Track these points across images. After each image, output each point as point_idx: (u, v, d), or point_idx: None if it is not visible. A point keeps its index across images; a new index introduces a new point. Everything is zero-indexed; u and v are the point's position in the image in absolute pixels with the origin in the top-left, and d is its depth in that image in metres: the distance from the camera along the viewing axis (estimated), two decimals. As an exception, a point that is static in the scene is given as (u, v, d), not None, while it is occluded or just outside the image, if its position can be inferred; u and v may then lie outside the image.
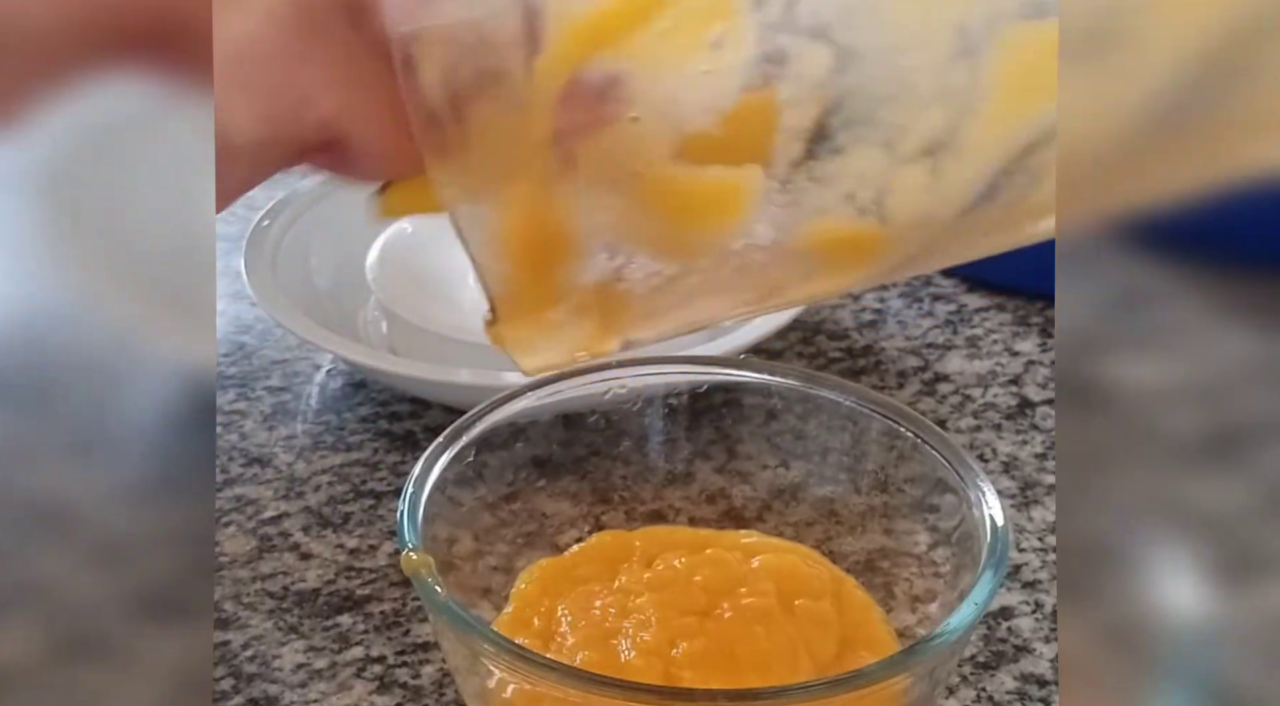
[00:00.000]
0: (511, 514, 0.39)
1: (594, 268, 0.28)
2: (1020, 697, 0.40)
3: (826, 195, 0.27)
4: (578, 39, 0.26)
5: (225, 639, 0.42)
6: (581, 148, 0.26)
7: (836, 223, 0.27)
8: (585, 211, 0.27)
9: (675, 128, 0.26)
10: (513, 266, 0.28)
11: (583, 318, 0.28)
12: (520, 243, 0.28)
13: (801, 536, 0.40)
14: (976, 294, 0.63)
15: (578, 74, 0.26)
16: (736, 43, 0.26)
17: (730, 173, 0.27)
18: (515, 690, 0.31)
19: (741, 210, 0.27)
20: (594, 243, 0.27)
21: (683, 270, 0.28)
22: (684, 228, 0.27)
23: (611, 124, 0.26)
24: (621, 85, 0.26)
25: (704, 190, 0.27)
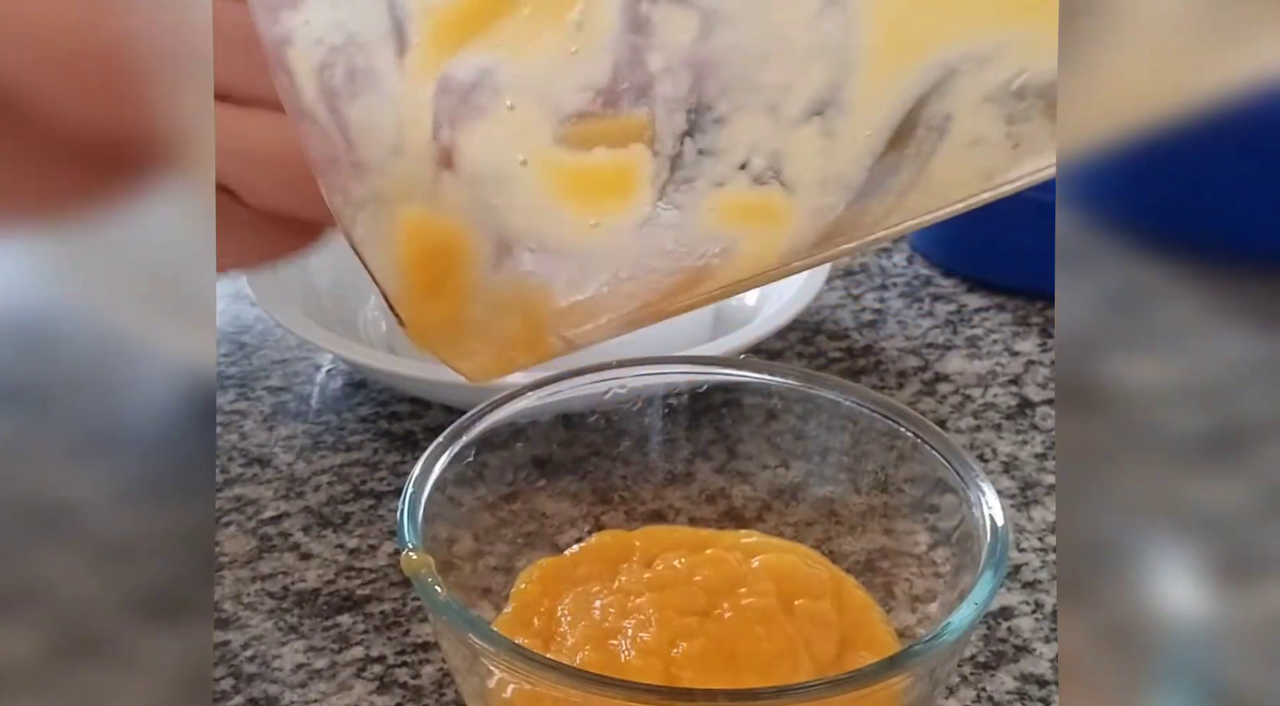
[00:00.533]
0: (511, 514, 0.39)
1: (496, 264, 0.27)
2: (1020, 697, 0.40)
3: (719, 167, 0.26)
4: (443, 33, 0.26)
5: (225, 639, 0.42)
6: (461, 141, 0.26)
7: (738, 193, 0.27)
8: (474, 207, 0.27)
9: (553, 110, 0.26)
10: (409, 271, 0.28)
11: (504, 315, 0.28)
12: (413, 247, 0.27)
13: (801, 536, 0.40)
14: (976, 294, 0.63)
15: (449, 69, 0.26)
16: (598, 19, 0.25)
17: (617, 153, 0.26)
18: (515, 690, 0.31)
19: (634, 189, 0.27)
20: (488, 239, 0.27)
21: (592, 255, 0.27)
22: (578, 213, 0.27)
23: (487, 114, 0.26)
24: (493, 74, 0.26)
25: (592, 173, 0.26)
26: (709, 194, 0.27)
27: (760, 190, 0.27)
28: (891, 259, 0.66)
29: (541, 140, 0.26)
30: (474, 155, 0.26)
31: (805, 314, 0.59)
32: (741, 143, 0.26)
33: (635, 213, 0.27)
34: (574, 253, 0.27)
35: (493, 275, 0.28)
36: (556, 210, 0.27)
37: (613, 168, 0.26)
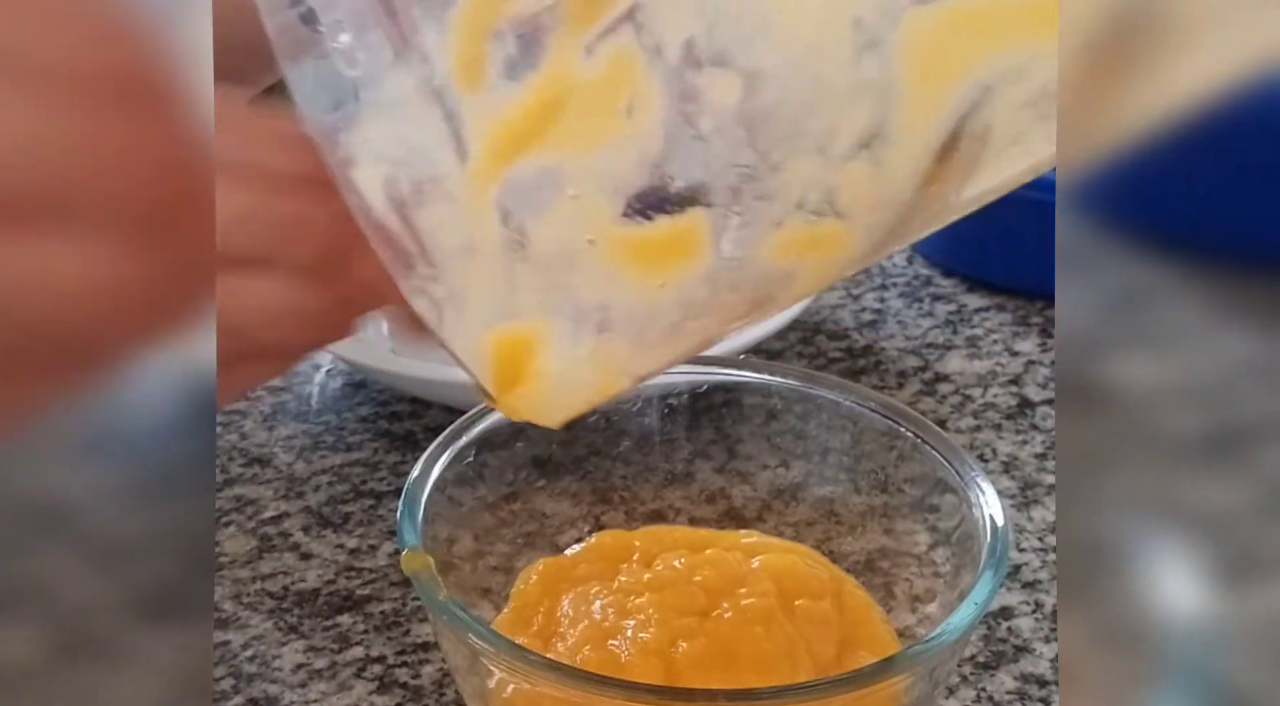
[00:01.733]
0: (511, 514, 0.39)
1: (573, 338, 0.29)
2: (1020, 697, 0.40)
3: (776, 208, 0.27)
4: (500, 145, 0.27)
5: (225, 639, 0.42)
6: (529, 231, 0.27)
7: (796, 229, 0.28)
8: (547, 289, 0.28)
9: (615, 192, 0.27)
10: (495, 361, 0.29)
11: (582, 372, 0.29)
12: (496, 338, 0.29)
13: (801, 536, 0.40)
14: (976, 294, 0.63)
15: (509, 174, 0.27)
16: (647, 101, 0.26)
17: (677, 218, 0.28)
18: (515, 690, 0.31)
19: (696, 247, 0.28)
20: (563, 318, 0.29)
21: (660, 309, 0.29)
22: (646, 279, 0.28)
23: (552, 205, 0.27)
24: (553, 173, 0.27)
25: (656, 240, 0.28)
26: (770, 235, 0.28)
27: (816, 222, 0.28)
28: (891, 259, 0.66)
29: (606, 220, 0.27)
30: (542, 243, 0.28)
31: (805, 314, 0.59)
32: (795, 184, 0.27)
33: (699, 266, 0.28)
34: (644, 311, 0.29)
35: (571, 347, 0.29)
36: (625, 279, 0.28)
37: (674, 232, 0.28)
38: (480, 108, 0.26)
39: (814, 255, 0.28)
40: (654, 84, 0.26)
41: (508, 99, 0.26)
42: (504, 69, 0.26)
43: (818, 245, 0.28)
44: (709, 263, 0.28)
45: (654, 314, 0.29)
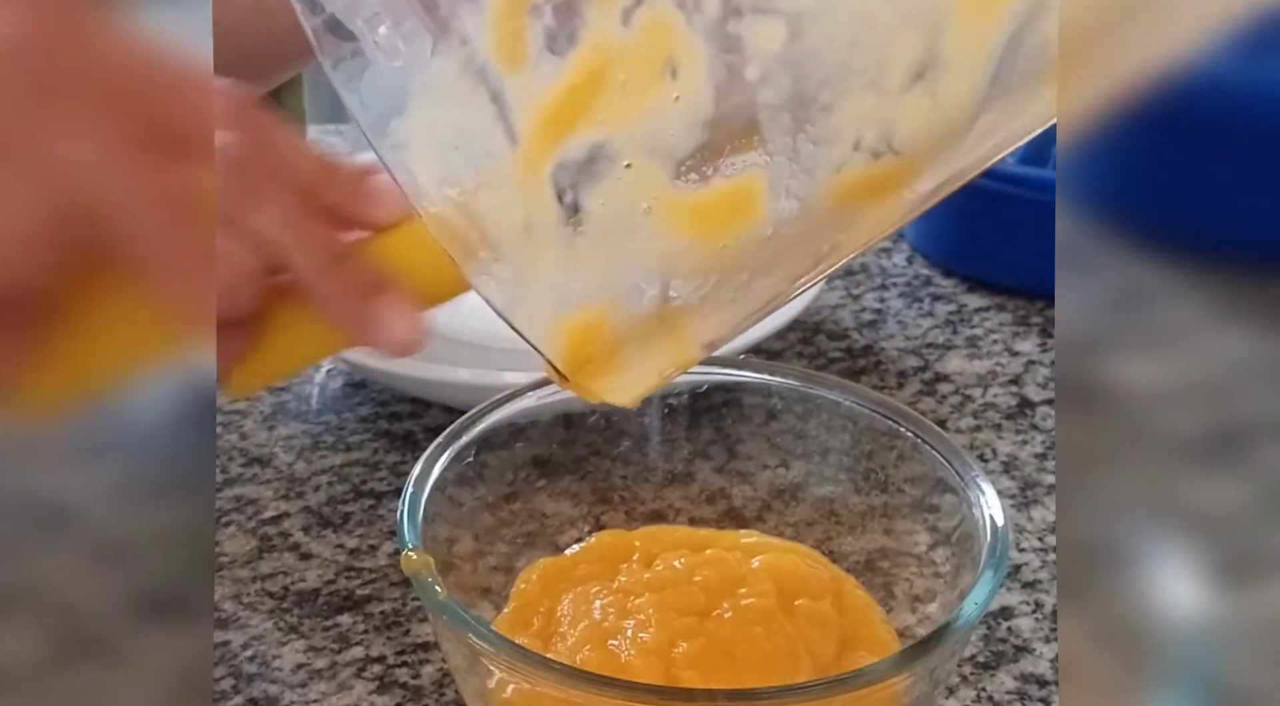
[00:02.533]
0: (511, 514, 0.39)
1: (638, 308, 0.29)
2: (1020, 697, 0.40)
3: (834, 151, 0.27)
4: (549, 123, 0.27)
5: (225, 639, 0.42)
6: (586, 204, 0.27)
7: (856, 171, 0.27)
8: (609, 261, 0.28)
9: (668, 157, 0.27)
10: (565, 339, 0.29)
11: (652, 342, 0.29)
12: (565, 317, 0.29)
13: (801, 536, 0.40)
14: (976, 294, 0.63)
15: (561, 152, 0.27)
16: (690, 59, 0.26)
17: (733, 178, 0.27)
18: (515, 690, 0.31)
19: (755, 205, 0.27)
20: (630, 286, 0.28)
21: (725, 271, 0.28)
22: (707, 242, 0.28)
23: (606, 176, 0.27)
24: (604, 146, 0.27)
25: (714, 203, 0.27)
26: (830, 180, 0.27)
27: (876, 162, 0.27)
28: (891, 259, 0.66)
29: (662, 186, 0.27)
30: (600, 215, 0.28)
31: (805, 314, 0.59)
32: (850, 124, 0.27)
33: (760, 222, 0.28)
34: (709, 276, 0.28)
35: (637, 318, 0.29)
36: (686, 244, 0.28)
37: (732, 191, 0.27)
38: (524, 87, 0.27)
39: (876, 197, 0.28)
40: (695, 40, 0.26)
41: (551, 76, 0.26)
42: (544, 44, 0.26)
43: (880, 186, 0.28)
44: (770, 216, 0.28)
45: (720, 277, 0.28)
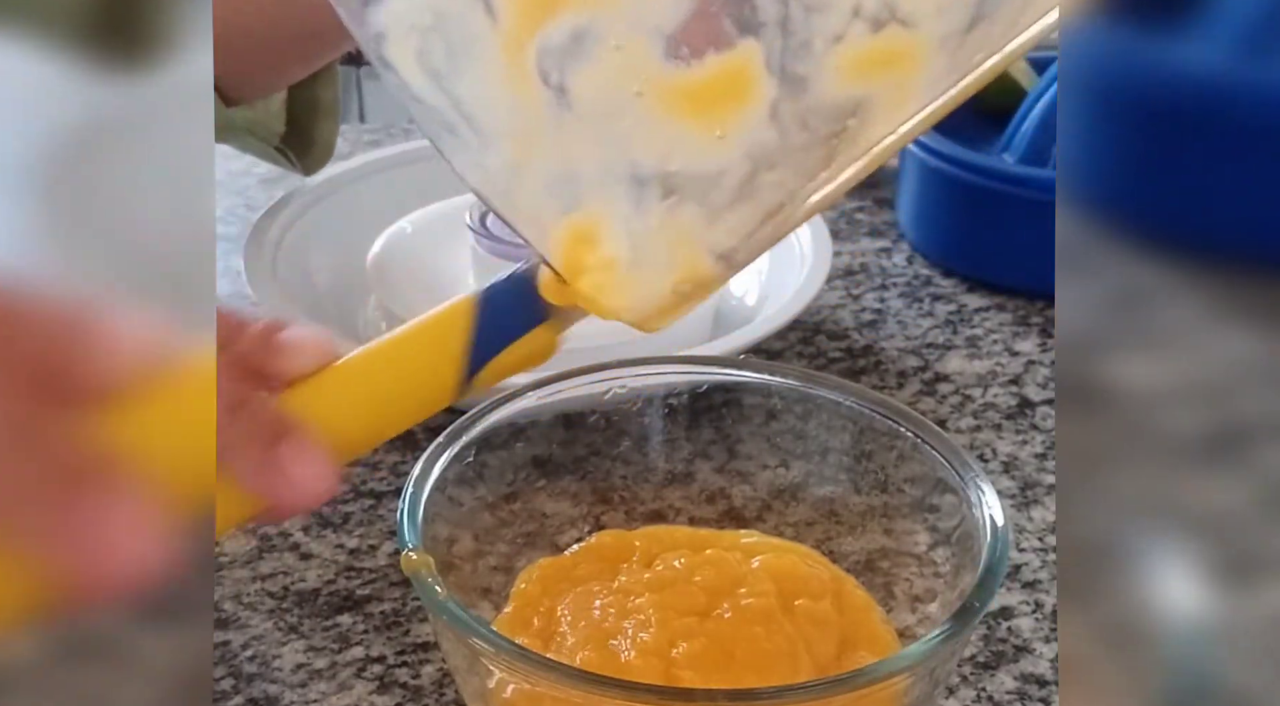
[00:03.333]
0: (511, 514, 0.39)
1: (638, 203, 0.27)
2: (1020, 697, 0.40)
3: (831, 19, 0.26)
4: (530, 9, 0.26)
5: (225, 639, 0.42)
6: (573, 86, 0.26)
7: (858, 43, 0.26)
8: (601, 145, 0.27)
9: (656, 33, 0.26)
10: (562, 233, 0.28)
11: (659, 249, 0.28)
12: (564, 218, 0.28)
13: (801, 536, 0.40)
14: (976, 294, 0.63)
15: (543, 36, 0.26)
16: None
17: (725, 55, 0.26)
18: (515, 690, 0.31)
19: (754, 86, 0.26)
20: (626, 180, 0.27)
21: (725, 161, 0.27)
22: (702, 130, 0.27)
23: (594, 58, 0.26)
24: (590, 28, 0.26)
25: (706, 84, 0.26)
26: (830, 52, 0.26)
27: (880, 35, 0.26)
28: (891, 259, 0.66)
29: (652, 67, 0.26)
30: (588, 98, 0.26)
31: (805, 314, 0.59)
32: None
33: (757, 104, 0.26)
34: (708, 167, 0.27)
35: (637, 220, 0.27)
36: (681, 132, 0.27)
37: (725, 70, 0.26)
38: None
39: (885, 76, 0.26)
40: None
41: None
42: None
43: (887, 62, 0.26)
44: (769, 97, 0.26)
45: (719, 169, 0.27)
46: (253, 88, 0.54)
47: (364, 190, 0.63)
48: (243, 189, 0.73)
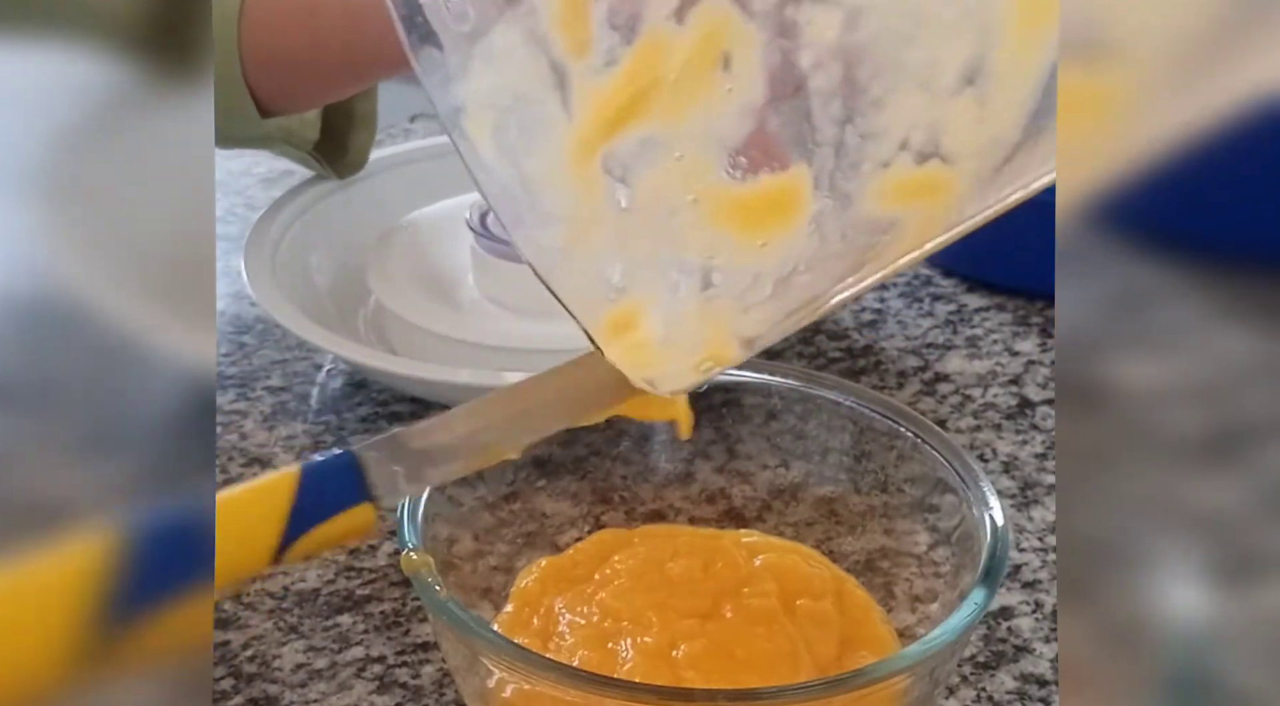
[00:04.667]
0: (511, 514, 0.39)
1: (677, 293, 0.29)
2: (1020, 697, 0.40)
3: (881, 147, 0.27)
4: (604, 117, 0.27)
5: (225, 639, 0.42)
6: (634, 187, 0.28)
7: (901, 172, 0.27)
8: (652, 244, 0.28)
9: (718, 147, 0.27)
10: (608, 318, 0.29)
11: (690, 334, 0.29)
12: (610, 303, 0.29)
13: (801, 536, 0.40)
14: (976, 294, 0.63)
15: (612, 146, 0.27)
16: (744, 47, 0.26)
17: (780, 175, 0.27)
18: (515, 690, 0.31)
19: (798, 205, 0.28)
20: (669, 271, 0.29)
21: (765, 265, 0.28)
22: (747, 238, 0.28)
23: (657, 165, 0.27)
24: (656, 139, 0.27)
25: (757, 198, 0.28)
26: (875, 177, 0.27)
27: (922, 167, 0.27)
28: (891, 259, 0.66)
29: (710, 177, 0.28)
30: (647, 199, 0.28)
31: (805, 314, 0.59)
32: (900, 121, 0.27)
33: (802, 217, 0.28)
34: (747, 269, 0.29)
35: (676, 304, 0.29)
36: (728, 237, 0.28)
37: (778, 189, 0.28)
38: (585, 68, 0.27)
39: (920, 202, 0.28)
40: (749, 28, 0.26)
41: (610, 65, 0.27)
42: (605, 22, 0.27)
43: (924, 191, 0.28)
44: (814, 210, 0.28)
45: (758, 272, 0.28)
46: (294, 106, 0.55)
47: (364, 190, 0.63)
48: (243, 189, 0.73)
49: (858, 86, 0.27)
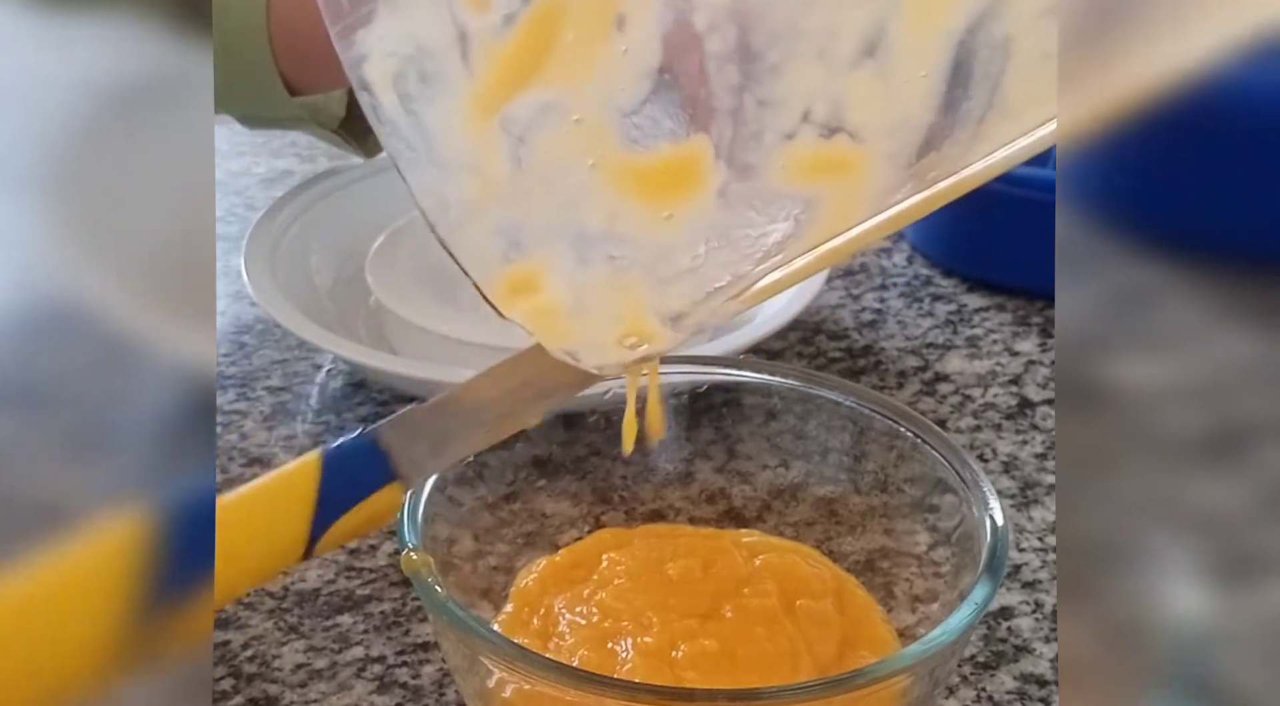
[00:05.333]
0: (511, 514, 0.39)
1: (582, 259, 0.28)
2: (1020, 697, 0.40)
3: (782, 118, 0.27)
4: (503, 77, 0.27)
5: (225, 639, 0.42)
6: (532, 152, 0.27)
7: (807, 147, 0.27)
8: (551, 208, 0.28)
9: (616, 112, 0.27)
10: (500, 271, 0.28)
11: (602, 300, 0.29)
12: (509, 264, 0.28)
13: (801, 536, 0.40)
14: (976, 294, 0.63)
15: (509, 110, 0.27)
16: (638, 9, 0.26)
17: (679, 144, 0.27)
18: (515, 690, 0.31)
19: (701, 175, 0.27)
20: (569, 239, 0.28)
21: (674, 237, 0.28)
22: (651, 209, 0.28)
23: (554, 128, 0.27)
24: (554, 105, 0.27)
25: (659, 168, 0.27)
26: (779, 148, 0.27)
27: (829, 142, 0.27)
28: (891, 259, 0.66)
29: (609, 144, 0.27)
30: (545, 164, 0.27)
31: (805, 314, 0.59)
32: (799, 91, 0.26)
33: (706, 190, 0.27)
34: (655, 244, 0.28)
35: (580, 273, 0.28)
36: (630, 208, 0.28)
37: (677, 158, 0.27)
38: (486, 27, 0.26)
39: (833, 181, 0.27)
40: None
41: (508, 24, 0.26)
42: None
43: (834, 167, 0.27)
44: (718, 182, 0.27)
45: (668, 244, 0.28)
46: (324, 83, 0.55)
47: (364, 190, 0.63)
48: (243, 189, 0.73)
49: (753, 51, 0.26)
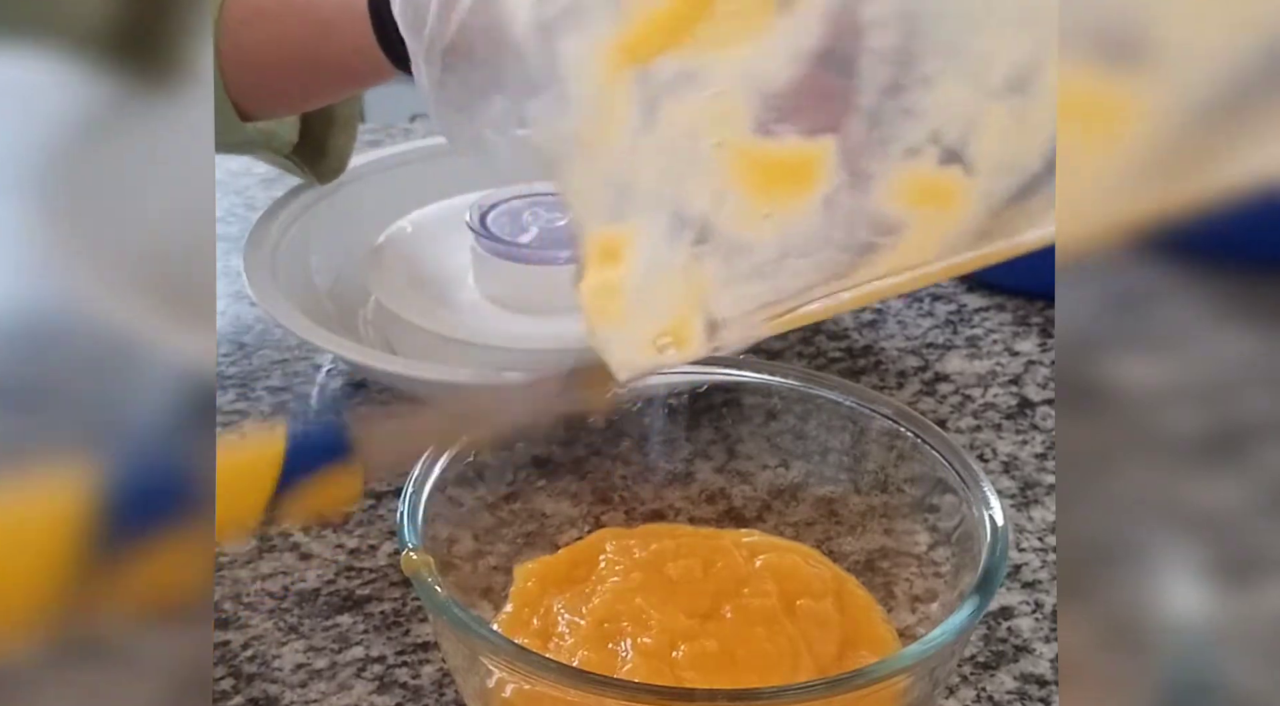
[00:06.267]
0: (511, 514, 0.39)
1: (671, 236, 0.28)
2: (1020, 697, 0.40)
3: (915, 131, 0.27)
4: (653, 33, 0.26)
5: (225, 639, 0.42)
6: (663, 115, 0.27)
7: (924, 168, 0.27)
8: (663, 178, 0.27)
9: (759, 92, 0.26)
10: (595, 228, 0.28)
11: (668, 286, 0.28)
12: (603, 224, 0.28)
13: (801, 536, 0.40)
14: (976, 294, 0.63)
15: (651, 68, 0.26)
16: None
17: (806, 142, 0.27)
18: (515, 690, 0.31)
19: (816, 178, 0.27)
20: (669, 211, 0.28)
21: (757, 239, 0.28)
22: (755, 203, 0.27)
23: (691, 98, 0.27)
24: (698, 71, 0.26)
25: (780, 161, 0.27)
26: (898, 163, 0.27)
27: (943, 169, 0.27)
28: (891, 259, 0.67)
29: (740, 126, 0.27)
30: (670, 132, 0.27)
31: (805, 314, 0.59)
32: (940, 108, 0.27)
33: (815, 194, 0.27)
34: (743, 236, 0.28)
35: (664, 249, 0.28)
36: (736, 196, 0.27)
37: (800, 154, 0.27)
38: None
39: (927, 211, 0.27)
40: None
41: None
42: None
43: (936, 197, 0.27)
44: (829, 186, 0.27)
45: (754, 242, 0.28)
46: (276, 111, 0.54)
47: (364, 190, 0.63)
48: (243, 189, 0.73)
49: (912, 57, 0.26)
